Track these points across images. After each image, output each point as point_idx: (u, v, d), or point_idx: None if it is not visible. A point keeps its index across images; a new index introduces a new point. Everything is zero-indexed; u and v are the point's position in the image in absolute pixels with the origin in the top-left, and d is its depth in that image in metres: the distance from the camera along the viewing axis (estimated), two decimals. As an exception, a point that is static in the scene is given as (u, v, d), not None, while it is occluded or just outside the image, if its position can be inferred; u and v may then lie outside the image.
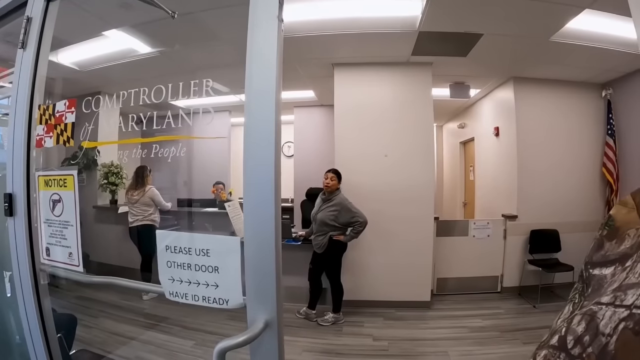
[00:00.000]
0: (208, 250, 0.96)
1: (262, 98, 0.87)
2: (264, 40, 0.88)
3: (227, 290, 0.95)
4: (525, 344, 3.08)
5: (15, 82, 1.48)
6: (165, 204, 3.74)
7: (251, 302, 0.91)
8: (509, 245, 4.36)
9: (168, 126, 1.23)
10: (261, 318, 0.88)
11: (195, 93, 1.15)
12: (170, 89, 1.20)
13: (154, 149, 1.26)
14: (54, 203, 1.41)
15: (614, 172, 4.25)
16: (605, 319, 0.40)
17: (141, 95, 1.27)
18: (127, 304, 3.61)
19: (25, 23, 1.45)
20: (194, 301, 1.00)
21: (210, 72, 1.16)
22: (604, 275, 0.50)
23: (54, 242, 1.41)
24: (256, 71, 0.88)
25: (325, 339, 3.26)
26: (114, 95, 1.32)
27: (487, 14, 2.96)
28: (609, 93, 4.31)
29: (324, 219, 3.54)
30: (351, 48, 3.67)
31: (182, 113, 1.18)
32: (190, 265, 0.99)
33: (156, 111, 1.27)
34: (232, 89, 1.84)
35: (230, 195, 4.55)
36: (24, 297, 1.45)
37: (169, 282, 1.04)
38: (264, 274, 0.88)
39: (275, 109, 0.86)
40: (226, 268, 0.95)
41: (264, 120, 0.87)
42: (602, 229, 0.55)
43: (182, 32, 2.88)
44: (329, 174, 3.63)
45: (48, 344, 1.47)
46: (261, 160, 0.87)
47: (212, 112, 1.11)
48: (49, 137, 1.42)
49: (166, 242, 1.03)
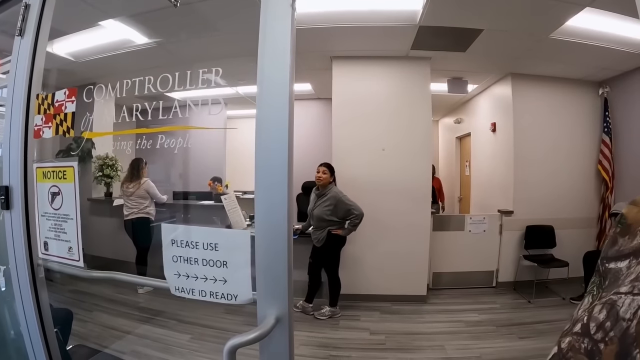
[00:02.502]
0: (216, 244, 0.94)
1: (275, 89, 0.84)
2: (277, 29, 0.86)
3: (236, 286, 0.93)
4: (521, 338, 3.12)
5: (12, 70, 1.43)
6: (160, 196, 3.71)
7: (261, 298, 0.89)
8: (505, 240, 4.40)
9: (166, 117, 1.20)
10: (272, 313, 0.87)
11: (194, 83, 1.12)
12: (168, 79, 1.17)
13: (151, 140, 1.23)
14: (52, 196, 1.37)
15: (610, 170, 4.30)
16: (624, 306, 0.43)
17: (137, 86, 1.23)
18: (122, 297, 3.58)
19: (23, 10, 1.40)
20: (201, 297, 0.98)
21: (207, 64, 1.13)
22: (619, 268, 0.53)
23: (52, 236, 1.37)
24: (269, 61, 0.86)
25: (322, 333, 3.26)
26: (109, 86, 1.29)
27: (488, 9, 2.95)
28: (606, 91, 4.34)
29: (321, 215, 3.51)
30: (350, 41, 3.63)
31: (190, 102, 1.15)
32: (197, 260, 0.97)
33: (153, 102, 1.24)
34: (229, 80, 1.81)
35: (226, 188, 4.51)
36: (21, 292, 1.41)
37: (175, 277, 1.01)
38: (276, 268, 0.86)
39: (289, 100, 0.83)
40: (235, 263, 0.93)
41: (276, 111, 0.84)
42: (616, 227, 0.58)
43: (179, 23, 2.83)
44: (320, 168, 3.56)
45: (46, 340, 1.45)
46: (274, 153, 0.84)
47: (223, 103, 1.08)
48: (47, 128, 1.38)
49: (172, 236, 1.01)
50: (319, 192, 3.59)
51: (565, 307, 3.74)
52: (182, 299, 1.02)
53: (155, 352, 2.83)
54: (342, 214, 3.51)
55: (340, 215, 3.52)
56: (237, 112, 4.71)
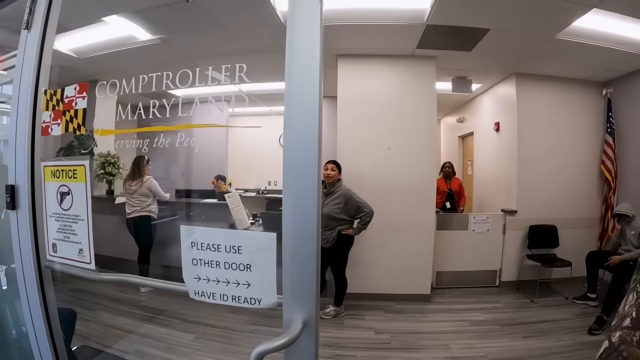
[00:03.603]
0: (240, 247, 0.91)
1: (305, 85, 0.82)
2: (305, 24, 0.83)
3: (260, 289, 0.90)
4: (526, 337, 3.12)
5: (18, 65, 1.39)
6: (163, 194, 3.67)
7: (287, 301, 0.86)
8: (508, 239, 4.40)
9: (169, 114, 1.18)
10: (298, 318, 0.84)
11: (198, 80, 1.09)
12: (170, 76, 1.15)
13: (154, 138, 1.20)
14: (62, 195, 1.33)
15: (613, 170, 4.30)
16: None
17: (141, 83, 1.20)
18: (125, 296, 3.54)
19: (30, 2, 1.36)
20: (222, 301, 0.95)
21: (211, 61, 1.11)
22: None
23: (61, 237, 1.33)
24: (297, 57, 0.83)
25: (327, 332, 3.24)
26: (111, 83, 1.25)
27: (496, 9, 2.93)
28: (610, 91, 4.34)
29: (331, 213, 3.41)
30: (357, 39, 3.60)
31: (199, 99, 1.12)
32: (219, 263, 0.94)
33: (156, 100, 1.20)
34: (232, 78, 1.78)
35: (230, 186, 4.48)
36: (28, 294, 1.37)
37: (194, 281, 0.98)
38: (304, 271, 0.84)
39: (319, 98, 0.81)
40: (260, 266, 0.90)
41: (306, 110, 0.82)
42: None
43: (184, 18, 2.79)
44: (329, 165, 3.48)
45: (54, 342, 1.41)
46: (303, 154, 0.82)
47: (233, 100, 1.05)
48: (56, 125, 1.34)
49: (192, 239, 0.97)
50: (327, 189, 3.48)
51: (568, 306, 3.75)
52: (186, 298, 1.00)
53: (159, 351, 2.79)
54: (352, 212, 3.44)
55: (351, 214, 3.44)
56: (239, 110, 4.65)
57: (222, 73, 1.07)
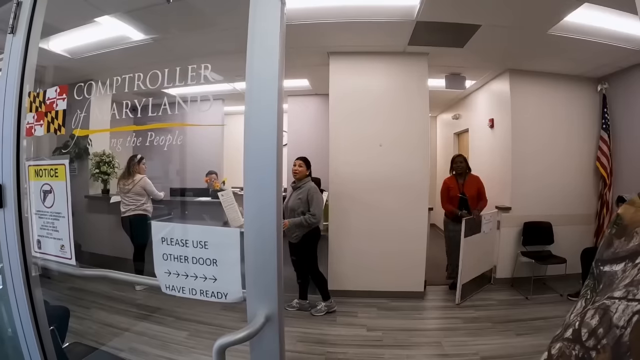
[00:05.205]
0: (206, 242, 0.94)
1: (264, 85, 0.84)
2: (266, 24, 0.85)
3: (225, 284, 0.93)
4: (519, 335, 3.12)
5: (4, 68, 1.42)
6: (157, 193, 3.69)
7: (251, 296, 0.89)
8: (503, 236, 4.40)
9: (163, 113, 1.20)
10: (262, 312, 0.86)
11: (191, 79, 1.11)
12: (165, 75, 1.17)
13: (148, 137, 1.23)
14: (44, 194, 1.36)
15: (608, 167, 4.29)
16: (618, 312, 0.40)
17: (136, 82, 1.23)
18: (120, 294, 3.58)
19: (15, 7, 1.39)
20: (191, 295, 0.98)
21: (204, 60, 1.12)
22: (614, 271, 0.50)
23: (45, 234, 1.37)
24: (257, 56, 0.85)
25: (319, 329, 3.26)
26: (107, 83, 1.28)
27: (486, 4, 2.93)
28: (605, 87, 4.33)
29: (294, 207, 3.45)
30: (348, 37, 3.61)
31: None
32: (187, 257, 0.97)
33: (150, 98, 1.23)
34: (226, 76, 1.80)
35: (223, 184, 4.50)
36: (15, 291, 1.41)
37: (165, 275, 1.01)
38: (265, 266, 0.86)
39: (278, 96, 0.82)
40: (225, 261, 0.92)
41: (265, 108, 0.83)
42: (611, 228, 0.55)
43: (176, 18, 2.81)
44: (297, 162, 3.54)
45: (40, 337, 1.45)
46: (262, 149, 0.84)
47: (211, 100, 1.07)
48: (39, 126, 1.37)
49: (162, 234, 1.00)
50: (295, 185, 3.54)
51: (563, 303, 3.74)
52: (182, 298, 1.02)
53: (153, 349, 2.83)
54: (307, 208, 3.43)
55: (307, 209, 3.44)
56: (234, 109, 4.70)
57: (209, 71, 1.08)
